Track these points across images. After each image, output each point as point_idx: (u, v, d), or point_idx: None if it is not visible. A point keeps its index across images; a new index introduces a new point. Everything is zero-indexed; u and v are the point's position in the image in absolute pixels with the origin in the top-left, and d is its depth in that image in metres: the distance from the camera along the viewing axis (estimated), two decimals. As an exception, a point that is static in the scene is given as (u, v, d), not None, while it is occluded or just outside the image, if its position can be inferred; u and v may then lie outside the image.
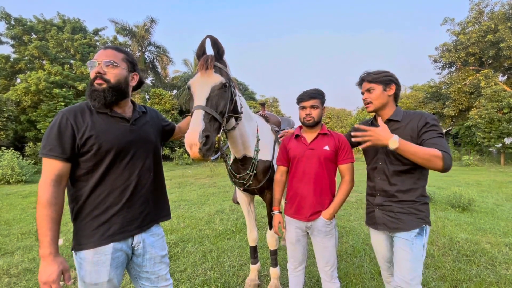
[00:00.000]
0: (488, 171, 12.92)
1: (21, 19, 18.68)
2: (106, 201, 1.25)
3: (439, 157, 1.34)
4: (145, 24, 22.30)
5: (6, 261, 3.21)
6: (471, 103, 18.63)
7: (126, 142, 1.30)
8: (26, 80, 16.12)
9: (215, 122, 1.46)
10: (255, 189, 2.24)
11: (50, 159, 1.16)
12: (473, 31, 17.97)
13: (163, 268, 1.43)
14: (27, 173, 10.87)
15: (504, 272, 2.72)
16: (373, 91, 1.63)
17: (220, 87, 1.53)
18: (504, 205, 5.69)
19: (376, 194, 1.68)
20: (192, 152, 1.31)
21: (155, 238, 1.42)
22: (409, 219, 1.55)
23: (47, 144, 1.17)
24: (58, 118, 1.19)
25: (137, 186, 1.32)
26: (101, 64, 1.26)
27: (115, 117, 1.31)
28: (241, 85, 28.07)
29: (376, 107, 1.64)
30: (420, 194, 1.58)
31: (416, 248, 1.53)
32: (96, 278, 1.21)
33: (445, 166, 1.35)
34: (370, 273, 2.74)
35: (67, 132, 1.18)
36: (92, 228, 1.22)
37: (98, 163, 1.23)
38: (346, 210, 5.34)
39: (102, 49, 1.31)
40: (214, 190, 8.01)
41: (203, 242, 3.73)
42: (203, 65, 1.54)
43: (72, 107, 1.26)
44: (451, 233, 3.84)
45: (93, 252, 1.21)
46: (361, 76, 1.71)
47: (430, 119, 1.52)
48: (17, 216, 5.42)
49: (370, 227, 1.77)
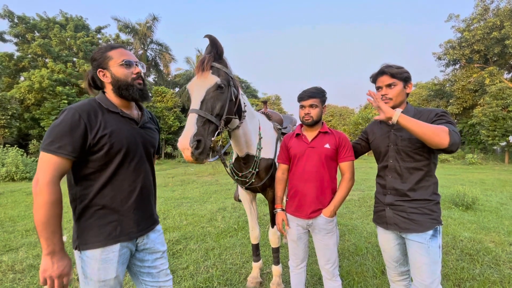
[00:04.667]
0: (492, 170, 12.82)
1: (24, 17, 18.76)
2: (113, 202, 1.24)
3: (446, 132, 1.29)
4: (147, 21, 22.32)
5: (11, 257, 3.24)
6: (475, 101, 18.47)
7: (135, 143, 1.30)
8: (29, 78, 16.24)
9: (210, 125, 1.45)
10: (257, 187, 2.24)
11: (57, 157, 1.11)
12: (478, 28, 17.75)
13: (164, 263, 1.46)
14: (31, 170, 10.97)
15: (508, 271, 2.70)
16: (394, 87, 1.54)
17: (215, 89, 1.52)
18: (508, 204, 5.65)
19: (387, 192, 1.64)
20: (185, 156, 1.34)
21: (157, 234, 1.45)
22: (423, 219, 1.51)
23: (56, 140, 1.10)
24: (69, 115, 1.14)
25: (142, 189, 1.34)
26: (138, 65, 1.32)
27: (126, 117, 1.32)
28: (243, 83, 28.03)
29: (395, 104, 1.56)
30: (433, 192, 1.54)
31: (433, 251, 1.50)
32: (104, 275, 1.22)
33: (452, 141, 1.29)
34: (372, 271, 2.73)
35: (79, 130, 1.14)
36: (99, 228, 1.22)
37: (108, 163, 1.23)
38: (349, 208, 5.32)
39: (123, 48, 1.33)
40: (216, 187, 8.03)
41: (205, 239, 3.74)
42: (200, 67, 1.54)
43: (82, 105, 1.21)
44: (455, 232, 3.81)
45: (101, 250, 1.21)
46: (382, 67, 1.59)
47: (439, 111, 1.49)
48: (22, 213, 5.47)
49: (379, 226, 1.72)
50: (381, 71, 1.59)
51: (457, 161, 16.82)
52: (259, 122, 2.19)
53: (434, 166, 1.57)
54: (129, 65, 1.30)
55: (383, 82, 1.57)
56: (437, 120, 1.45)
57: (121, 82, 1.28)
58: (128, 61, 1.29)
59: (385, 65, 1.60)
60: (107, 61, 1.28)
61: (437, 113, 1.48)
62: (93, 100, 1.28)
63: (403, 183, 1.57)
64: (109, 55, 1.28)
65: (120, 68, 1.28)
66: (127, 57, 1.30)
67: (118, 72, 1.28)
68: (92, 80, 1.35)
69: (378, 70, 1.61)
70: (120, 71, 1.28)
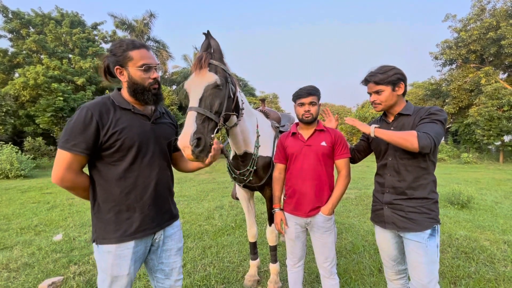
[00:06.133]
0: (487, 169, 12.96)
1: (19, 12, 18.45)
2: (128, 198, 1.27)
3: (414, 136, 1.37)
4: (144, 18, 22.11)
5: (5, 255, 3.21)
6: (471, 101, 18.60)
7: (147, 139, 1.32)
8: (24, 75, 15.98)
9: (210, 122, 1.44)
10: (255, 185, 2.23)
11: (72, 154, 1.18)
12: (474, 28, 17.85)
13: (178, 260, 1.47)
14: (26, 167, 10.84)
15: (502, 269, 2.73)
16: (382, 92, 1.56)
17: (214, 86, 1.51)
18: (502, 203, 5.71)
19: (385, 191, 1.64)
20: (186, 154, 1.33)
21: (174, 230, 1.47)
22: (421, 219, 1.51)
23: (70, 138, 1.17)
24: (83, 113, 1.19)
25: (157, 184, 1.35)
26: (155, 69, 1.33)
27: (137, 114, 1.33)
28: (241, 81, 27.93)
29: (385, 107, 1.60)
30: (431, 190, 1.55)
31: (431, 250, 1.50)
32: (117, 271, 1.25)
33: (421, 144, 1.36)
34: (369, 269, 2.74)
35: (91, 127, 1.19)
36: (115, 224, 1.26)
37: (121, 159, 1.26)
38: (346, 206, 5.35)
39: (145, 49, 1.31)
40: (214, 186, 8.01)
41: (203, 237, 3.73)
42: (197, 64, 1.53)
43: (95, 103, 1.26)
44: (450, 230, 3.85)
45: (116, 246, 1.25)
46: (366, 77, 1.62)
47: (433, 109, 1.51)
48: (16, 210, 5.42)
49: (377, 225, 1.73)
50: (365, 80, 1.63)
51: (452, 160, 16.97)
52: (257, 120, 2.18)
53: (432, 164, 1.57)
54: (148, 70, 1.30)
55: (371, 89, 1.62)
56: (425, 118, 1.49)
57: (138, 85, 1.29)
58: (148, 67, 1.30)
59: (369, 73, 1.62)
60: (127, 61, 1.28)
61: (427, 111, 1.52)
62: (107, 97, 1.31)
63: (402, 181, 1.57)
64: (130, 55, 1.28)
65: (138, 71, 1.29)
66: (148, 61, 1.30)
67: (135, 75, 1.29)
68: (108, 67, 1.36)
69: (363, 79, 1.65)
70: (138, 74, 1.29)
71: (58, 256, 3.18)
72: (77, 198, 6.37)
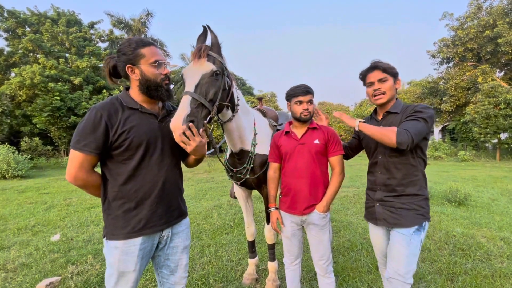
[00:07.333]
0: (484, 166, 13.03)
1: (15, 11, 18.29)
2: (137, 196, 1.29)
3: (393, 132, 1.40)
4: (141, 17, 21.96)
5: (2, 256, 3.19)
6: (468, 99, 18.67)
7: (155, 137, 1.34)
8: (20, 74, 15.85)
9: (204, 109, 1.43)
10: (252, 183, 2.23)
11: (83, 154, 1.21)
12: (471, 26, 17.90)
13: (184, 258, 1.48)
14: (23, 168, 10.78)
15: (499, 266, 2.76)
16: (386, 81, 1.58)
17: (211, 75, 1.52)
18: (499, 200, 5.75)
19: (376, 188, 1.68)
20: (175, 137, 1.27)
21: (182, 228, 1.48)
22: (410, 215, 1.55)
23: (81, 139, 1.21)
24: (92, 114, 1.23)
25: (165, 182, 1.37)
26: (167, 66, 1.36)
27: (145, 113, 1.35)
28: (239, 80, 27.89)
29: (388, 98, 1.60)
30: (421, 186, 1.58)
31: (414, 244, 1.54)
32: (123, 267, 1.27)
33: (398, 140, 1.38)
34: (367, 267, 2.76)
35: (101, 128, 1.22)
36: (124, 221, 1.28)
37: (130, 158, 1.29)
38: (344, 204, 5.36)
39: (154, 46, 1.34)
40: (212, 185, 8.01)
41: (201, 236, 3.74)
42: (196, 53, 1.54)
43: (104, 104, 1.29)
44: (447, 227, 3.87)
45: (124, 242, 1.27)
46: (373, 63, 1.62)
47: (419, 107, 1.53)
48: (13, 211, 5.39)
49: (370, 222, 1.76)
50: (372, 67, 1.63)
51: (450, 158, 17.06)
52: (254, 118, 2.18)
53: (421, 161, 1.60)
54: (159, 65, 1.33)
55: (375, 77, 1.60)
56: (409, 116, 1.51)
57: (151, 82, 1.31)
58: (160, 63, 1.33)
59: (375, 60, 1.63)
60: (139, 59, 1.30)
61: (413, 108, 1.54)
62: (115, 98, 1.34)
63: (392, 178, 1.60)
64: (142, 52, 1.29)
65: (151, 68, 1.31)
66: (159, 57, 1.33)
67: (148, 72, 1.31)
68: (113, 68, 1.36)
69: (369, 66, 1.65)
70: (151, 70, 1.31)
71: (55, 256, 3.17)
72: (74, 198, 6.36)
